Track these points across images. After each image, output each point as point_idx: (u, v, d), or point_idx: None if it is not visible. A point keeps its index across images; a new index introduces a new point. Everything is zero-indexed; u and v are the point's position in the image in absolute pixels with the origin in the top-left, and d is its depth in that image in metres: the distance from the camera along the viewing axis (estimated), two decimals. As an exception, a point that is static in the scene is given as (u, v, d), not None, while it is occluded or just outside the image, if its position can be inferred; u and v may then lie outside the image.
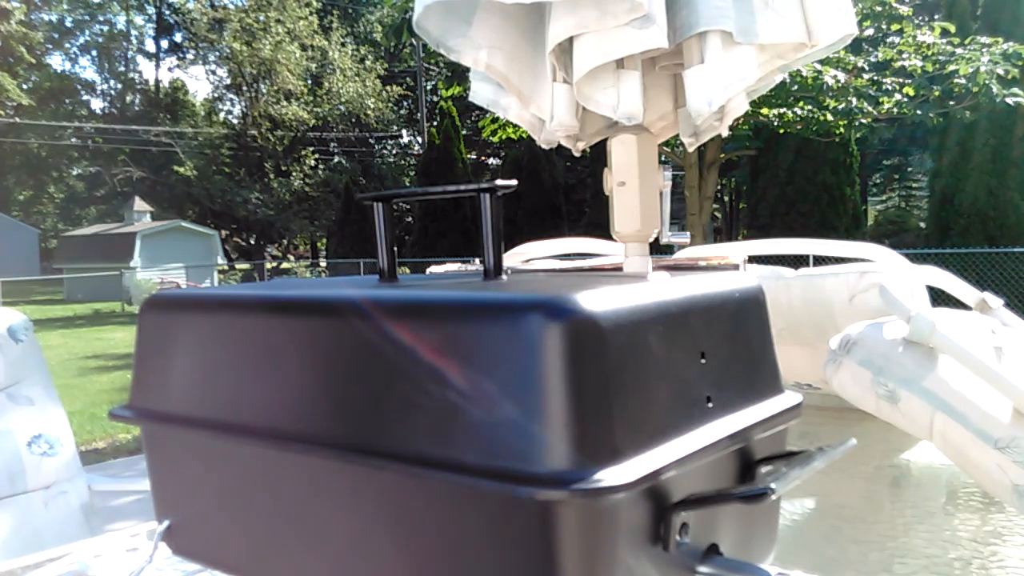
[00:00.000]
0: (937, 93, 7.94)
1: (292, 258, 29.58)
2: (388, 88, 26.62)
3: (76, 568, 0.96)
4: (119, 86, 34.68)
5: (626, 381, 0.54)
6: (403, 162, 29.89)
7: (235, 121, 28.34)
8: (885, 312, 1.20)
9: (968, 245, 10.16)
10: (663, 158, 8.71)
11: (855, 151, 12.80)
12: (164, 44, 33.79)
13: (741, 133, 10.60)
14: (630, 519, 0.54)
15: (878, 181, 21.88)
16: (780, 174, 12.79)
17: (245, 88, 26.20)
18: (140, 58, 36.27)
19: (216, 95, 30.02)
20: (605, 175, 1.52)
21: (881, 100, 7.96)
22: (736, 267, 1.50)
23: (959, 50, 7.32)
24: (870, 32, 7.83)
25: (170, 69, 35.49)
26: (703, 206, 9.25)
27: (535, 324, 0.52)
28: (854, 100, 7.76)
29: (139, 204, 24.32)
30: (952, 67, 7.21)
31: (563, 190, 17.84)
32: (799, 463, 0.62)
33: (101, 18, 33.25)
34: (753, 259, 1.70)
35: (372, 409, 0.60)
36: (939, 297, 1.47)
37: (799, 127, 8.29)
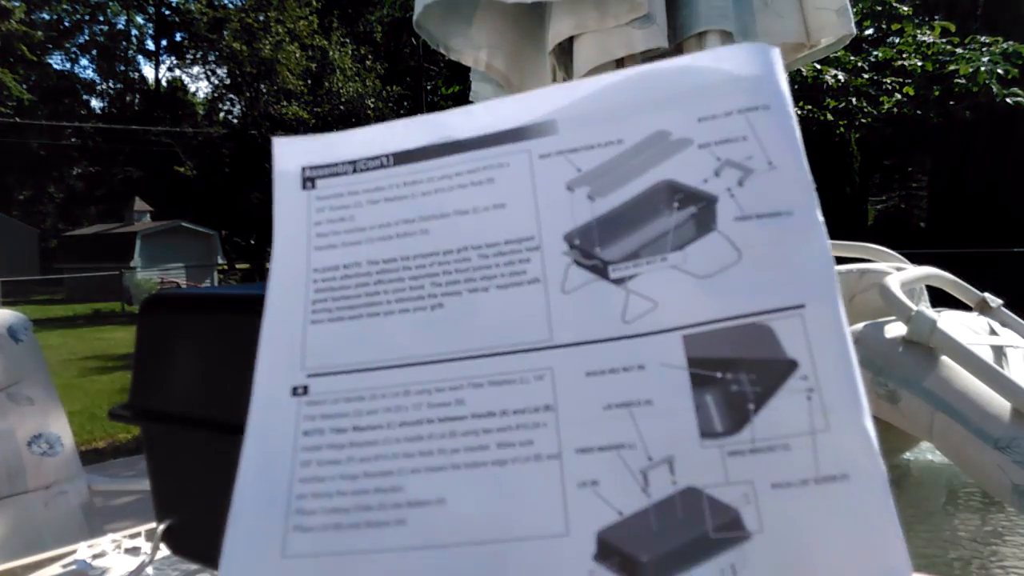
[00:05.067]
0: (937, 93, 7.95)
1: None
2: (388, 88, 26.64)
3: (76, 568, 0.96)
4: (119, 86, 34.71)
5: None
6: (403, 162, 29.76)
7: (235, 121, 28.37)
8: (885, 312, 1.20)
9: (968, 245, 10.18)
10: (663, 158, 8.69)
11: (855, 151, 12.81)
12: (164, 44, 33.83)
13: (741, 133, 10.58)
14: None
15: (878, 181, 21.89)
16: (780, 174, 12.76)
17: (245, 88, 26.22)
18: (140, 58, 36.29)
19: (216, 95, 30.03)
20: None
21: (881, 100, 7.96)
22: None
23: (959, 50, 7.32)
24: (870, 32, 7.84)
25: (170, 69, 35.50)
26: (703, 206, 9.24)
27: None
28: (854, 100, 7.76)
29: (139, 204, 24.32)
30: (952, 67, 7.21)
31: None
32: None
33: (101, 18, 33.28)
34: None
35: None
36: (939, 297, 1.47)
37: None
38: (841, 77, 7.46)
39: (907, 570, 0.24)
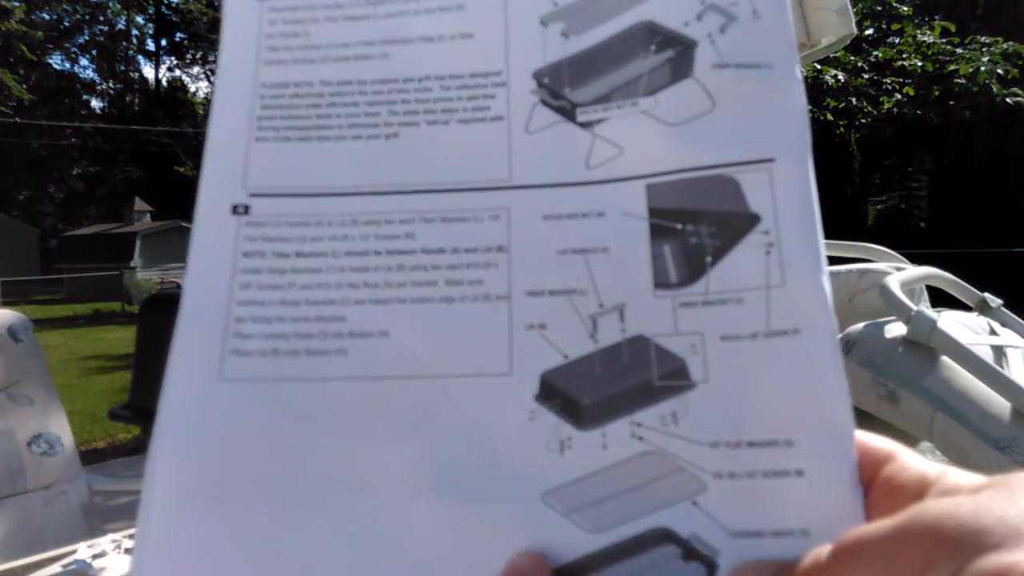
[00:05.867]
0: (937, 93, 7.95)
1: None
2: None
3: (76, 568, 0.96)
4: (119, 86, 34.72)
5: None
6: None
7: (235, 121, 28.28)
8: (885, 312, 1.21)
9: (968, 245, 10.18)
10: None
11: (855, 151, 12.82)
12: (164, 44, 33.83)
13: (741, 133, 10.58)
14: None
15: (878, 181, 21.91)
16: (780, 174, 12.78)
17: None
18: (140, 58, 36.26)
19: (216, 95, 29.97)
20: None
21: (881, 100, 7.97)
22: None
23: (959, 50, 7.32)
24: (870, 32, 7.84)
25: (170, 69, 35.47)
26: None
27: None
28: (854, 100, 7.77)
29: (139, 204, 24.34)
30: (952, 67, 7.22)
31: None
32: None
33: (101, 18, 33.30)
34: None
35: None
36: (939, 297, 1.47)
37: (799, 127, 8.29)
38: (841, 77, 7.46)
39: (850, 425, 0.24)
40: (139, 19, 33.93)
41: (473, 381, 0.26)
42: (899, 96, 7.89)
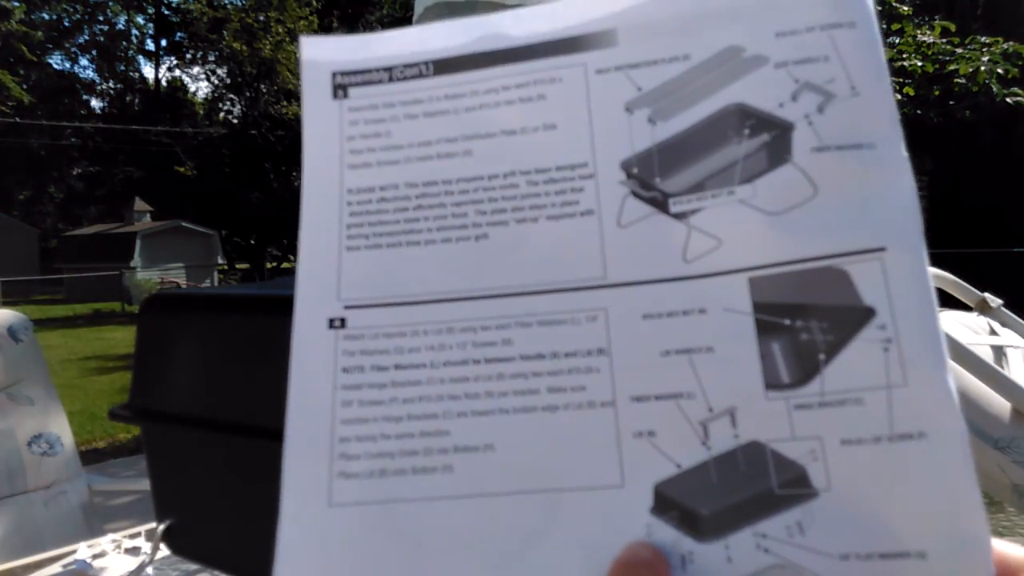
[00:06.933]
0: (937, 93, 7.95)
1: (292, 258, 29.56)
2: (388, 88, 26.53)
3: (76, 568, 0.96)
4: (119, 86, 34.71)
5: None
6: (403, 162, 29.76)
7: (235, 121, 28.37)
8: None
9: (968, 245, 10.18)
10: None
11: (855, 151, 12.81)
12: (164, 44, 33.83)
13: (741, 133, 10.57)
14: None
15: (878, 181, 21.89)
16: (780, 174, 12.79)
17: (245, 88, 26.23)
18: (140, 58, 36.26)
19: (216, 95, 30.04)
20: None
21: (881, 100, 7.96)
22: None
23: (959, 50, 7.32)
24: (870, 32, 7.83)
25: (170, 69, 35.45)
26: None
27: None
28: (854, 100, 7.76)
29: (139, 204, 24.34)
30: (952, 67, 7.21)
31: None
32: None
33: (101, 18, 33.29)
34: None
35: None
36: (939, 297, 1.47)
37: (799, 127, 8.29)
38: (841, 77, 7.44)
39: (986, 537, 0.23)
40: (139, 19, 33.94)
41: (585, 495, 0.25)
42: (899, 96, 7.89)
